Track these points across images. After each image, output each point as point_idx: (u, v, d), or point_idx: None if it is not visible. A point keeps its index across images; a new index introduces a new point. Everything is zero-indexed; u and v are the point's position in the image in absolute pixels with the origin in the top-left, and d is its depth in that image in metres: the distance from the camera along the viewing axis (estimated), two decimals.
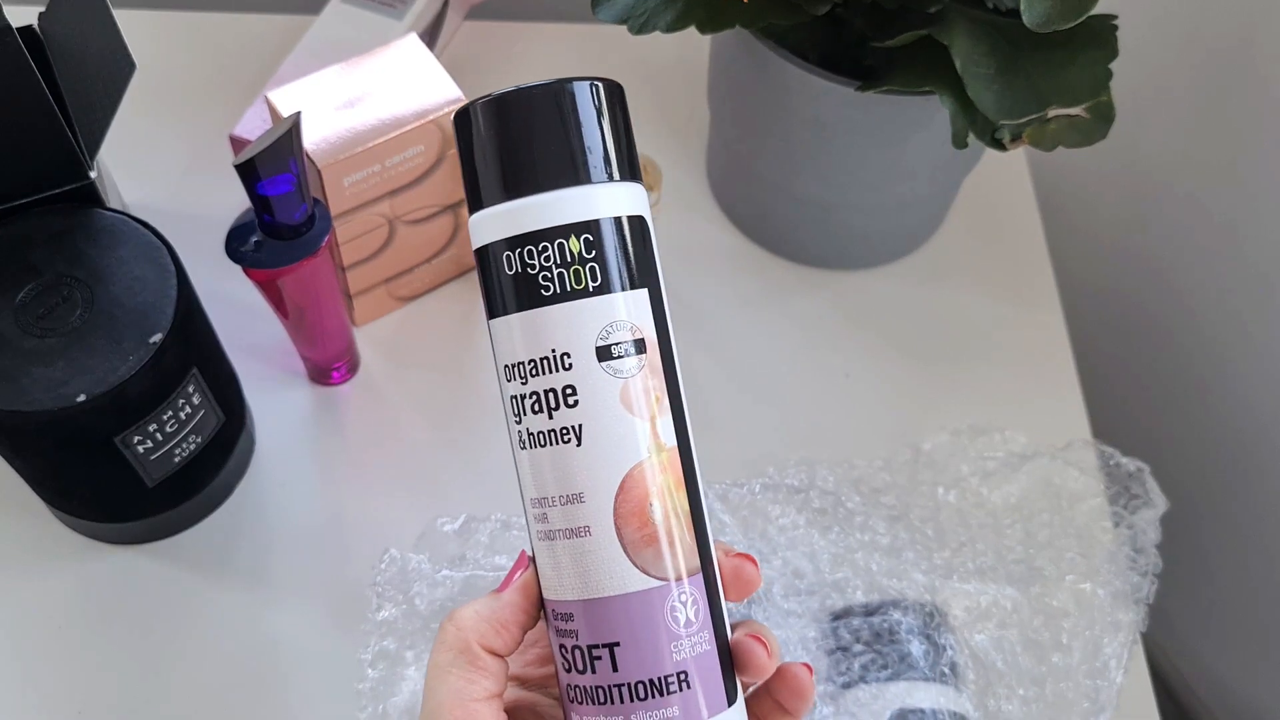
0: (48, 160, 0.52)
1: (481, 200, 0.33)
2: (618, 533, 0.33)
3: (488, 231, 0.33)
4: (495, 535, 0.57)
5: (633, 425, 0.33)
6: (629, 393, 0.33)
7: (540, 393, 0.33)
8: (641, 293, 0.33)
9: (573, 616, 0.33)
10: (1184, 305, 0.84)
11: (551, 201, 0.32)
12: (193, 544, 0.60)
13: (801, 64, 0.57)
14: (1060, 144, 0.52)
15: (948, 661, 0.53)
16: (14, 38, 0.48)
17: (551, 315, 0.32)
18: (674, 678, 0.33)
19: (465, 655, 0.34)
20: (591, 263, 0.32)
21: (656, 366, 0.33)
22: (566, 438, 0.33)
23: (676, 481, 0.34)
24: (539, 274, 0.32)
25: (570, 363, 0.32)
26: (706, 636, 0.34)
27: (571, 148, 0.33)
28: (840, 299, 0.70)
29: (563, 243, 0.32)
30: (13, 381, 0.48)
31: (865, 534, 0.58)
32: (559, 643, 0.34)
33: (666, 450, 0.33)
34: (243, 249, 0.53)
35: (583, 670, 0.33)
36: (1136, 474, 0.61)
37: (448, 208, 0.64)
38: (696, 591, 0.34)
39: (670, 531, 0.33)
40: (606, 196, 0.33)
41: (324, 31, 0.71)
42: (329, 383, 0.65)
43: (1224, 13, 0.72)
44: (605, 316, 0.33)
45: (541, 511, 0.34)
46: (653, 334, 0.33)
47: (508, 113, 0.33)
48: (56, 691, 0.55)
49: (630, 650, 0.33)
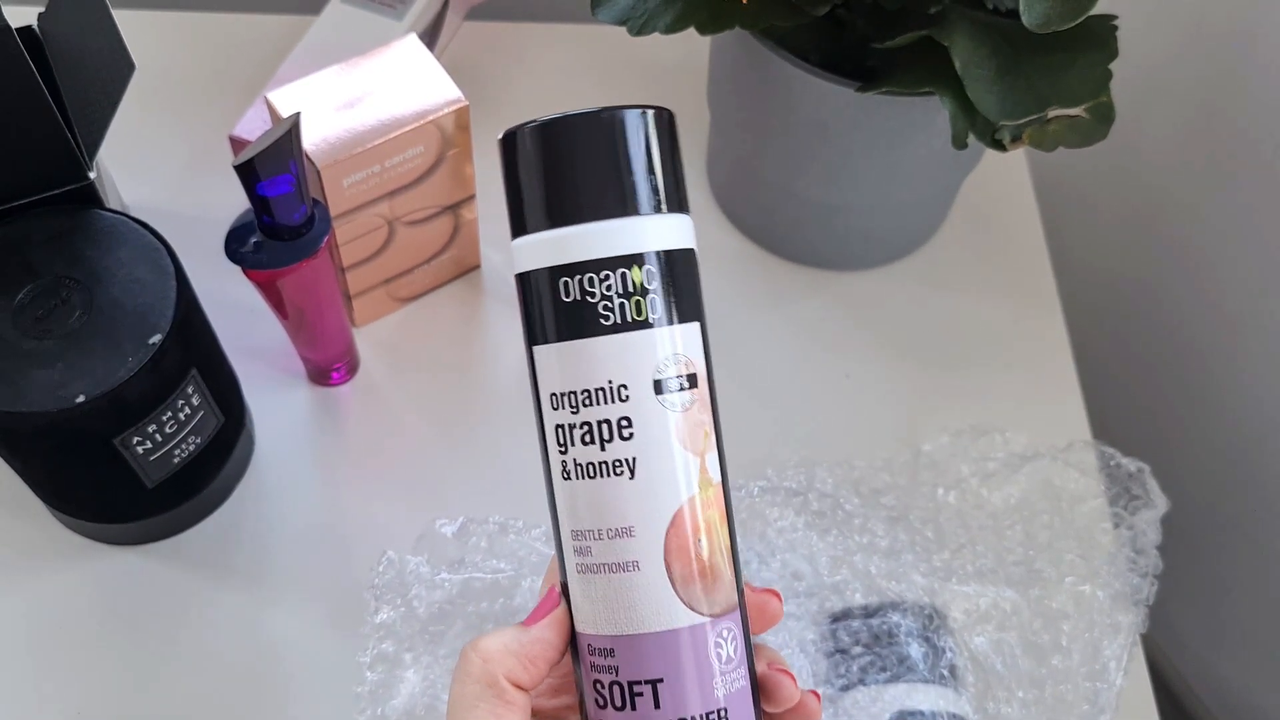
0: (47, 161, 0.52)
1: (532, 224, 0.32)
2: (666, 568, 0.32)
3: (538, 256, 0.32)
4: (494, 538, 0.57)
5: (685, 460, 0.32)
6: (683, 426, 0.32)
7: (593, 424, 0.32)
8: (694, 326, 0.33)
9: (613, 652, 0.33)
10: (1184, 305, 0.84)
11: (616, 229, 0.32)
12: (192, 545, 0.59)
13: (802, 65, 0.57)
14: (1060, 145, 0.52)
15: (947, 664, 0.53)
16: (13, 38, 0.48)
17: (610, 345, 0.32)
18: (714, 714, 0.33)
19: (493, 689, 0.33)
20: (653, 294, 0.32)
21: (706, 401, 0.33)
22: (619, 470, 0.32)
23: (721, 517, 0.33)
24: (599, 303, 0.32)
25: (627, 394, 0.32)
26: (743, 673, 0.34)
27: (642, 176, 0.32)
28: (840, 300, 0.70)
29: (625, 272, 0.32)
30: (12, 383, 0.48)
31: (864, 536, 0.58)
32: (593, 678, 0.33)
33: (714, 486, 0.33)
34: (242, 250, 0.53)
35: (620, 707, 0.33)
36: (1137, 475, 0.60)
37: (447, 209, 0.63)
38: (736, 628, 0.34)
39: (717, 568, 0.33)
40: (669, 228, 0.33)
41: (324, 32, 0.71)
42: (328, 384, 0.65)
43: (1224, 13, 0.72)
44: (663, 349, 0.32)
45: (584, 544, 0.33)
46: (703, 368, 0.33)
47: (575, 136, 0.32)
48: (55, 692, 0.55)
49: (673, 687, 0.32)
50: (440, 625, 0.54)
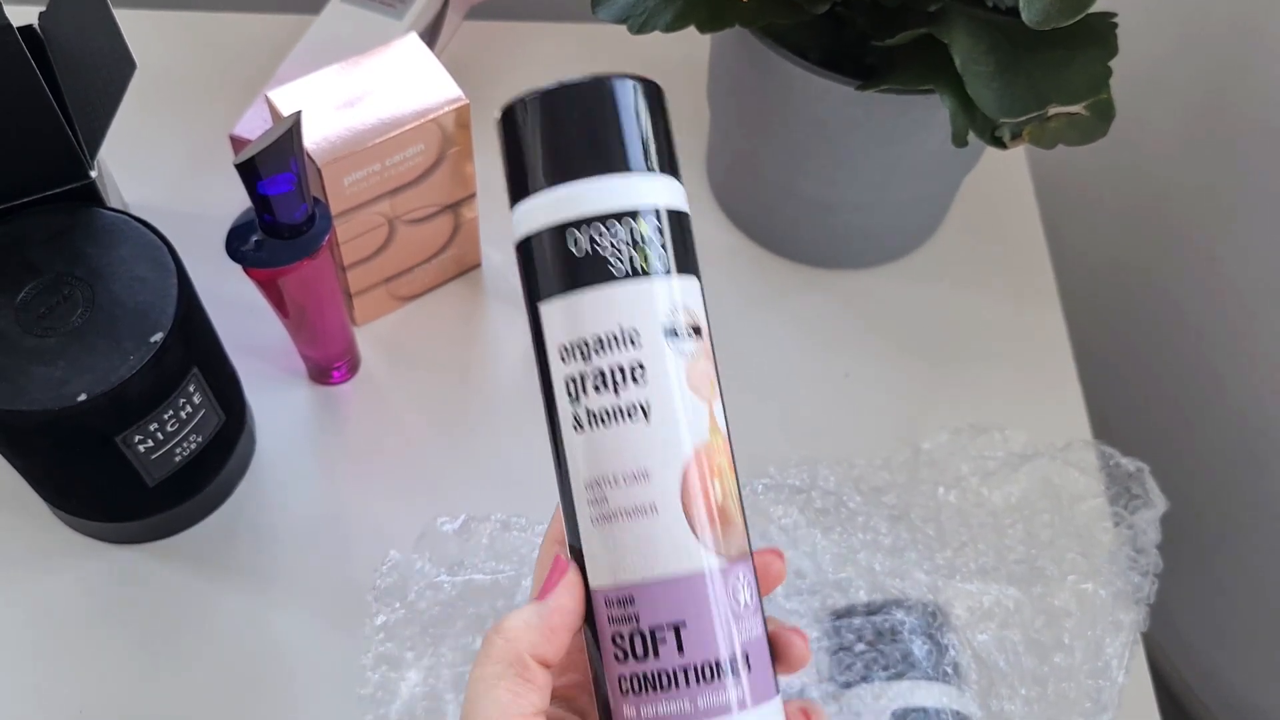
0: (48, 159, 0.52)
1: (535, 185, 0.33)
2: (684, 510, 0.33)
3: (543, 216, 0.33)
4: (495, 536, 0.57)
5: (696, 405, 0.33)
6: (692, 373, 0.33)
7: (606, 370, 0.33)
8: (695, 281, 0.34)
9: (632, 600, 0.33)
10: (1184, 304, 0.84)
11: (620, 184, 0.33)
12: (193, 543, 0.59)
13: (802, 63, 0.57)
14: (1060, 142, 0.52)
15: (950, 661, 0.53)
16: (14, 37, 0.48)
17: (623, 292, 0.33)
18: (738, 659, 0.33)
19: (515, 667, 0.33)
20: (660, 246, 0.33)
21: (709, 353, 0.34)
22: (634, 414, 0.33)
23: (729, 465, 0.34)
24: (609, 253, 0.33)
25: (639, 340, 0.33)
26: (759, 621, 0.34)
27: (646, 135, 0.34)
28: (840, 298, 0.70)
29: (632, 223, 0.33)
30: (13, 381, 0.48)
31: (867, 534, 0.58)
32: (612, 632, 0.33)
33: (721, 434, 0.34)
34: (243, 248, 0.53)
35: (642, 655, 0.33)
36: (1136, 474, 0.60)
37: (448, 207, 0.64)
38: (750, 575, 0.34)
39: (729, 511, 0.34)
40: (666, 186, 0.34)
41: (324, 31, 0.71)
42: (329, 382, 0.65)
43: (1224, 11, 0.73)
44: (670, 298, 0.33)
45: (600, 493, 0.33)
46: (704, 322, 0.34)
47: (578, 101, 0.33)
48: (57, 691, 0.55)
49: (696, 629, 0.33)
50: (442, 627, 0.54)
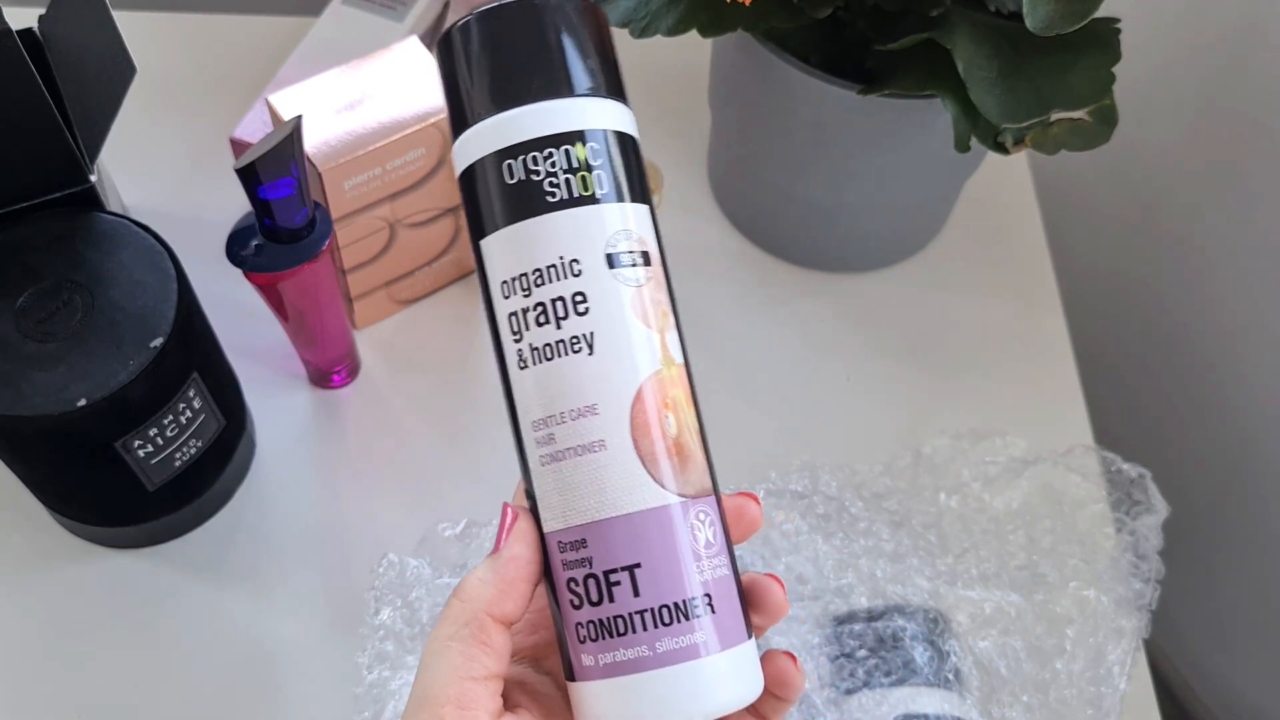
0: (48, 163, 0.52)
1: (473, 116, 0.32)
2: (634, 445, 0.31)
3: (480, 146, 0.32)
4: None
5: (645, 335, 0.32)
6: (639, 301, 0.32)
7: (547, 302, 0.31)
8: (643, 208, 0.33)
9: (585, 542, 0.31)
10: (1186, 309, 0.84)
11: (556, 108, 0.32)
12: (193, 548, 0.59)
13: (803, 67, 0.57)
14: (1063, 147, 0.52)
15: (951, 668, 0.52)
16: (14, 41, 0.47)
17: (559, 221, 0.31)
18: (698, 601, 0.31)
19: (470, 627, 0.31)
20: (598, 170, 0.32)
21: (661, 281, 0.33)
22: (577, 346, 0.31)
23: (687, 398, 0.33)
24: (544, 180, 0.31)
25: (579, 269, 0.31)
26: (725, 560, 0.32)
27: (574, 57, 0.32)
28: (841, 302, 0.70)
29: (569, 149, 0.31)
30: (13, 386, 0.48)
31: (869, 539, 0.58)
32: (567, 577, 0.32)
33: (676, 365, 0.32)
34: (243, 253, 0.53)
35: (597, 601, 0.31)
36: (1138, 480, 0.60)
37: (448, 211, 0.63)
38: (713, 513, 0.32)
39: (686, 445, 0.32)
40: (607, 109, 0.33)
41: (324, 33, 0.71)
42: (330, 386, 0.64)
43: (1226, 16, 0.72)
44: (612, 224, 0.32)
45: (547, 432, 0.32)
46: (655, 249, 0.33)
47: (507, 23, 0.32)
48: (56, 695, 0.55)
49: (652, 571, 0.31)
50: None
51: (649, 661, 0.31)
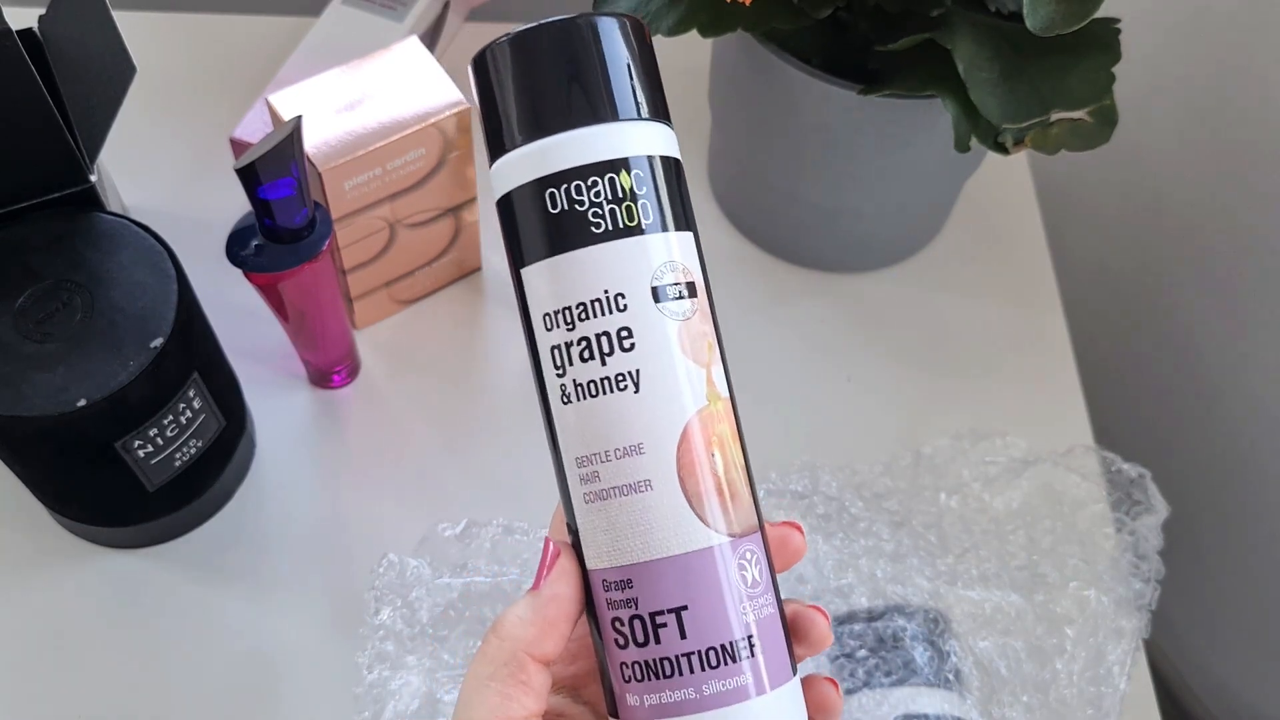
0: (48, 164, 0.52)
1: (511, 140, 0.31)
2: (681, 485, 0.30)
3: (520, 172, 0.31)
4: (497, 540, 0.57)
5: (691, 370, 0.31)
6: (685, 335, 0.31)
7: (591, 337, 0.30)
8: (688, 235, 0.32)
9: (630, 583, 0.31)
10: (1186, 309, 0.84)
11: (600, 134, 0.31)
12: (193, 548, 0.59)
13: (804, 67, 0.57)
14: (1063, 148, 0.52)
15: (952, 668, 0.52)
16: (14, 41, 0.47)
17: (603, 254, 0.30)
18: (744, 642, 0.31)
19: (509, 667, 0.31)
20: (644, 200, 0.31)
21: (706, 313, 0.32)
22: (623, 384, 0.30)
23: (732, 433, 0.32)
24: (588, 210, 0.30)
25: (625, 304, 0.30)
26: (770, 599, 0.32)
27: (619, 79, 0.31)
28: (841, 302, 0.70)
29: (614, 177, 0.30)
30: (13, 387, 0.48)
31: (869, 539, 0.58)
32: (612, 616, 0.31)
33: (722, 400, 0.32)
34: (243, 253, 0.53)
35: (643, 642, 0.31)
36: (1138, 480, 0.60)
37: (448, 211, 0.63)
38: (759, 551, 0.32)
39: (733, 483, 0.31)
40: (652, 134, 0.31)
41: (324, 33, 0.71)
42: (330, 386, 0.64)
43: (1226, 16, 0.72)
44: (658, 256, 0.31)
45: (590, 470, 0.31)
46: (700, 279, 0.32)
47: (548, 42, 0.31)
48: (56, 696, 0.55)
49: (699, 613, 0.31)
50: (443, 630, 0.54)
51: (696, 704, 0.31)
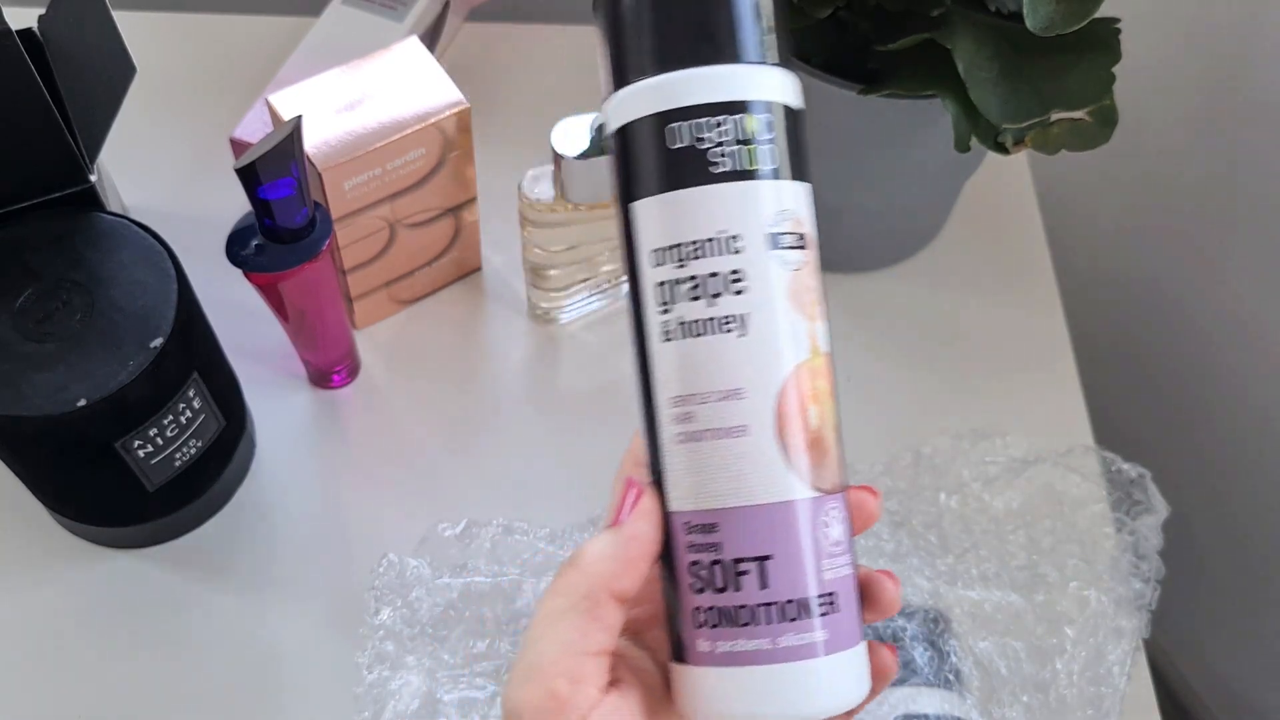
0: (48, 163, 0.52)
1: (635, 72, 0.31)
2: (777, 435, 0.30)
3: (641, 105, 0.31)
4: (497, 540, 0.57)
5: (797, 321, 0.31)
6: (795, 286, 0.31)
7: (702, 277, 0.30)
8: (806, 187, 0.31)
9: (716, 527, 0.31)
10: (1186, 309, 0.84)
11: (728, 74, 0.30)
12: (193, 548, 0.59)
13: (804, 67, 0.57)
14: (1063, 148, 0.52)
15: (952, 668, 0.52)
16: (14, 41, 0.47)
17: (722, 193, 0.30)
18: (824, 599, 0.31)
19: (587, 601, 0.30)
20: (766, 145, 0.30)
21: (815, 267, 0.32)
22: (729, 326, 0.30)
23: (830, 390, 0.32)
24: (710, 149, 0.30)
25: (739, 246, 0.30)
26: (849, 560, 0.32)
27: (749, 20, 0.30)
28: (841, 302, 0.69)
29: (742, 118, 0.30)
30: (12, 386, 0.48)
31: (868, 539, 0.58)
32: (691, 560, 0.31)
33: (823, 355, 0.31)
34: (243, 253, 0.53)
35: (722, 588, 0.30)
36: (1138, 480, 0.60)
37: (448, 211, 0.63)
38: (843, 509, 0.32)
39: (826, 440, 0.31)
40: (779, 79, 0.31)
41: (324, 33, 0.71)
42: (330, 386, 0.64)
43: (1226, 16, 0.72)
44: (777, 202, 0.31)
45: (685, 410, 0.31)
46: (812, 231, 0.32)
47: None
48: (56, 696, 0.55)
49: (782, 564, 0.30)
50: (443, 630, 0.54)
51: (768, 655, 0.30)
